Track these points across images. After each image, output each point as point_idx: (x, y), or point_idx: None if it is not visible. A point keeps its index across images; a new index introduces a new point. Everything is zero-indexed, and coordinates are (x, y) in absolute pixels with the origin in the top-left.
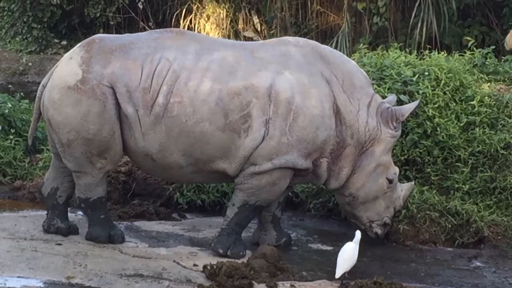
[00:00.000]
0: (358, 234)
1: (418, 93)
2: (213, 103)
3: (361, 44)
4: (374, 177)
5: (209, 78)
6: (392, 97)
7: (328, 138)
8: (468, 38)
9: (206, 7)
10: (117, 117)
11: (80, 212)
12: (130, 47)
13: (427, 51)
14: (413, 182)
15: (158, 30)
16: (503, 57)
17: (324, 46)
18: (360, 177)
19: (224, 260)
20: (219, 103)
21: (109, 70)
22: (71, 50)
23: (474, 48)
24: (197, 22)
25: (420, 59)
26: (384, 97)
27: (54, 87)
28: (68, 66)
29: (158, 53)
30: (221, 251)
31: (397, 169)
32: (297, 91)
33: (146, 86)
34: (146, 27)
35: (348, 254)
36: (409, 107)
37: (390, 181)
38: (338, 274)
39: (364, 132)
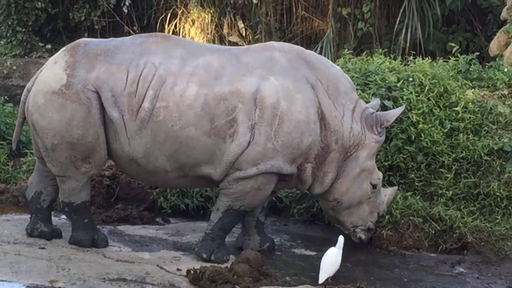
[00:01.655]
0: (341, 239)
1: (402, 99)
2: (199, 108)
3: (346, 50)
4: (358, 182)
5: (195, 83)
6: (375, 102)
7: (313, 143)
8: (453, 44)
9: (191, 11)
10: (101, 122)
11: (64, 216)
12: (115, 52)
13: (411, 57)
14: (396, 187)
15: (143, 34)
16: (487, 64)
17: (309, 51)
18: (344, 182)
19: (208, 264)
20: (205, 108)
21: (94, 75)
22: (55, 54)
23: (459, 54)
24: (182, 27)
25: (404, 65)
26: (368, 103)
27: (38, 91)
28: (52, 71)
29: (143, 57)
30: (205, 255)
31: (380, 174)
32: (282, 96)
33: (132, 91)
34: (131, 31)
35: (331, 259)
36: (394, 112)
37: (374, 186)
38: (321, 279)
39: (349, 137)
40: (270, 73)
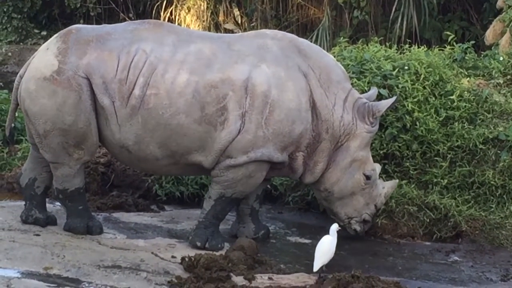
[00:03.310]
0: (333, 227)
1: (397, 87)
2: (189, 95)
3: (342, 38)
4: (349, 172)
5: (186, 70)
6: (373, 91)
7: (305, 131)
8: (448, 32)
9: None
10: (92, 108)
11: (59, 203)
12: (107, 38)
13: (407, 45)
14: (396, 181)
15: (135, 21)
16: (482, 52)
17: (302, 39)
18: (334, 172)
19: (202, 252)
20: (195, 95)
21: (85, 61)
22: (48, 41)
23: (454, 43)
24: (177, 14)
25: (400, 53)
26: (364, 91)
27: (30, 77)
28: (44, 57)
29: (134, 44)
30: (199, 244)
31: (377, 166)
32: (273, 84)
33: (123, 78)
34: (127, 18)
35: (325, 247)
36: (386, 102)
37: (368, 177)
38: (316, 267)
39: (339, 127)
40: (261, 61)
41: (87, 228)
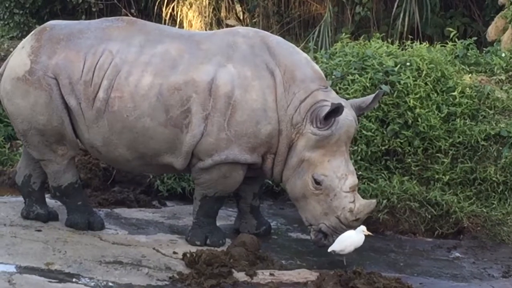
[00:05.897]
0: (359, 227)
1: (399, 83)
2: (153, 98)
3: (344, 34)
4: (299, 172)
5: (150, 72)
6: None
7: (274, 132)
8: (450, 29)
9: None
10: (64, 106)
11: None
12: (78, 37)
13: (409, 42)
14: (374, 201)
15: (110, 18)
16: (484, 49)
17: (274, 37)
18: (286, 171)
19: (204, 248)
20: (159, 98)
21: (54, 61)
22: (25, 38)
23: (456, 39)
24: (179, 10)
25: (402, 50)
26: (365, 87)
27: (6, 77)
28: (18, 56)
29: (102, 44)
30: (198, 243)
31: (351, 180)
32: (237, 84)
33: (88, 79)
34: (128, 14)
35: (341, 237)
36: (328, 110)
37: (316, 182)
38: (329, 249)
39: (290, 127)
40: (228, 60)
41: (89, 223)
